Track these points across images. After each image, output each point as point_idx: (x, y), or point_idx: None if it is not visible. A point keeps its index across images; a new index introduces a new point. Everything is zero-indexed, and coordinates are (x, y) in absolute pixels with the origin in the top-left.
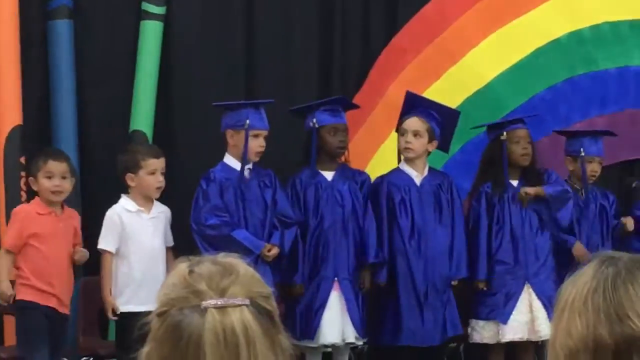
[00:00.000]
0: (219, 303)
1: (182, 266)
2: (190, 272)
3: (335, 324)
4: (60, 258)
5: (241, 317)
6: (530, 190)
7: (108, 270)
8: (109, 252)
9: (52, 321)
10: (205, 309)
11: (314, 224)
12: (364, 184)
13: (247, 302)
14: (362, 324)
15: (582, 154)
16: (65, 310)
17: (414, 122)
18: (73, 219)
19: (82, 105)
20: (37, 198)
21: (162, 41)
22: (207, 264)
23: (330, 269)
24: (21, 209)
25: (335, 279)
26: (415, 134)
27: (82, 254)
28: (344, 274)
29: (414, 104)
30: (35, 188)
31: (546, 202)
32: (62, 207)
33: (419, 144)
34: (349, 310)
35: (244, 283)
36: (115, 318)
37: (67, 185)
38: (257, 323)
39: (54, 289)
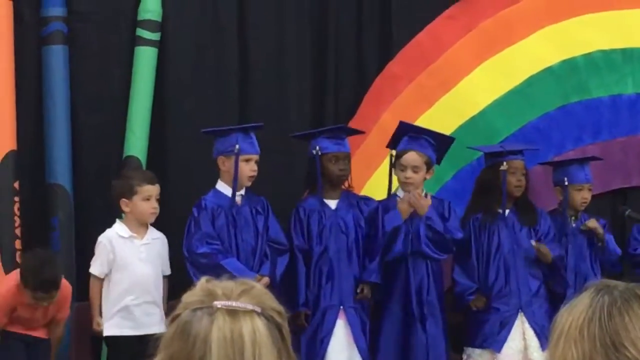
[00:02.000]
0: (231, 304)
1: (203, 279)
2: (208, 280)
3: (342, 352)
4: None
5: (251, 323)
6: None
7: (95, 294)
8: (97, 277)
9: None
10: (216, 310)
11: (318, 251)
12: (372, 211)
13: (259, 309)
14: (369, 351)
15: (566, 183)
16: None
17: (412, 158)
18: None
19: (77, 130)
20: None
21: (157, 67)
22: (225, 279)
23: (335, 297)
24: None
25: (341, 307)
26: (415, 169)
27: None
28: (349, 302)
29: (408, 135)
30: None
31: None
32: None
33: (419, 177)
34: (355, 338)
35: (257, 295)
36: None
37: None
38: (266, 332)
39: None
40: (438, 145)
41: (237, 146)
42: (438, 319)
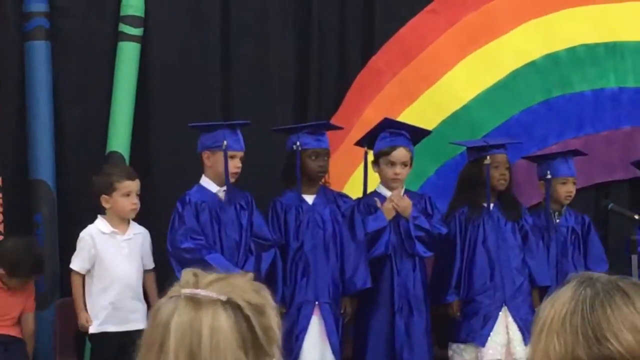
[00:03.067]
0: (196, 293)
1: (188, 269)
2: (193, 271)
3: (316, 348)
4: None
5: (212, 312)
6: None
7: (78, 290)
8: (77, 273)
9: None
10: (181, 297)
11: (294, 247)
12: (348, 210)
13: (224, 298)
14: (341, 349)
15: (549, 177)
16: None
17: (402, 154)
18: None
19: (59, 126)
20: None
21: (139, 62)
22: (214, 271)
23: (310, 292)
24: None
25: (316, 302)
26: (404, 165)
27: None
28: (325, 297)
29: (388, 131)
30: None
31: None
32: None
33: (405, 172)
34: (329, 335)
35: (233, 285)
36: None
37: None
38: (228, 322)
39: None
40: (414, 139)
41: (225, 142)
42: (423, 313)
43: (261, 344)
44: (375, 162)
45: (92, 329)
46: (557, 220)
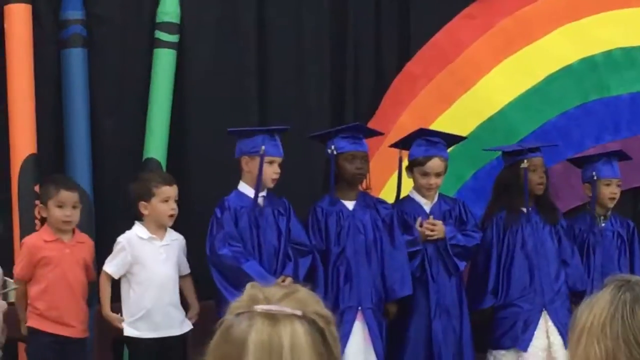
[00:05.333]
0: (271, 308)
1: (249, 284)
2: (254, 286)
3: (360, 354)
4: (69, 283)
5: (290, 327)
6: None
7: (107, 291)
8: (108, 275)
9: (63, 347)
10: (255, 314)
11: (335, 252)
12: (388, 216)
13: (299, 313)
14: (385, 354)
15: (595, 177)
16: (78, 334)
17: (437, 164)
18: (84, 243)
19: (96, 133)
20: (45, 225)
21: (176, 69)
22: (275, 283)
23: (353, 298)
24: (28, 240)
25: (359, 308)
26: (438, 174)
27: None
28: (367, 303)
29: (425, 139)
30: (44, 215)
31: None
32: (73, 232)
33: (440, 181)
34: (373, 340)
35: (301, 300)
36: (123, 326)
37: (77, 215)
38: (306, 336)
39: (62, 316)
40: (449, 144)
41: (262, 147)
42: (460, 319)
43: (334, 355)
44: (410, 169)
45: (129, 332)
46: (603, 225)
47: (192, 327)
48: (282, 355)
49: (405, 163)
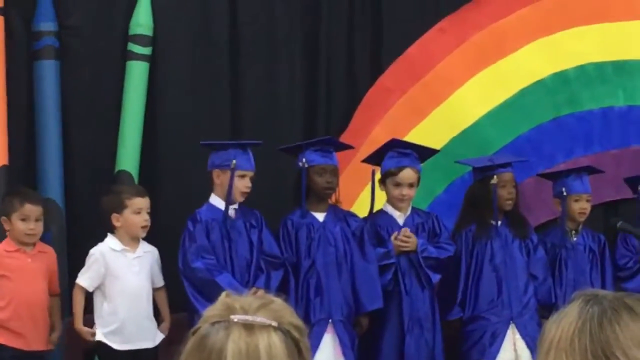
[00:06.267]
0: (248, 319)
1: (223, 293)
2: (228, 295)
3: None
4: (31, 295)
5: (267, 337)
6: None
7: (79, 304)
8: (82, 287)
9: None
10: (233, 324)
11: (306, 265)
12: (358, 229)
13: (275, 324)
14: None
15: (564, 193)
16: (37, 346)
17: (409, 175)
18: (46, 254)
19: (68, 145)
20: (8, 237)
21: (148, 81)
22: (247, 295)
23: (324, 311)
24: None
25: (330, 320)
26: (411, 185)
27: None
28: (338, 315)
29: (397, 151)
30: (7, 227)
31: None
32: (34, 244)
33: (412, 192)
34: (344, 352)
35: (277, 310)
36: (94, 339)
37: (40, 228)
38: (282, 346)
39: (23, 328)
40: (421, 158)
41: (234, 161)
42: (432, 331)
43: None
44: (382, 182)
45: (99, 337)
46: (574, 239)
47: (164, 336)
48: None
49: (377, 176)
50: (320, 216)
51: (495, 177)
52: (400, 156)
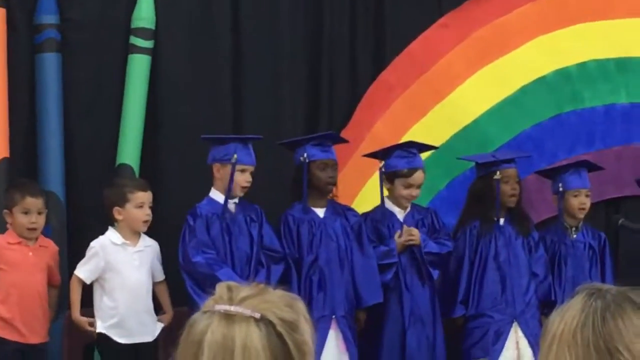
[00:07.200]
0: (229, 309)
1: (223, 283)
2: (224, 285)
3: None
4: (30, 289)
5: (246, 329)
6: None
7: (77, 295)
8: (80, 279)
9: (24, 353)
10: (214, 313)
11: (308, 261)
12: (356, 224)
13: (257, 315)
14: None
15: (562, 189)
16: (37, 339)
17: (421, 177)
18: (47, 248)
19: (69, 138)
20: (10, 230)
21: (150, 75)
22: (249, 285)
23: (327, 307)
24: None
25: (333, 316)
26: (419, 186)
27: None
28: (341, 311)
29: (407, 150)
30: (9, 221)
31: None
32: (36, 238)
33: (420, 192)
34: (348, 348)
35: (267, 301)
36: (93, 330)
37: (42, 221)
38: (260, 339)
39: (22, 320)
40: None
41: (235, 155)
42: (433, 327)
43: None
44: (388, 179)
45: (100, 329)
46: (574, 236)
47: (163, 325)
48: (234, 356)
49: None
50: (320, 211)
51: (498, 172)
52: (410, 156)
